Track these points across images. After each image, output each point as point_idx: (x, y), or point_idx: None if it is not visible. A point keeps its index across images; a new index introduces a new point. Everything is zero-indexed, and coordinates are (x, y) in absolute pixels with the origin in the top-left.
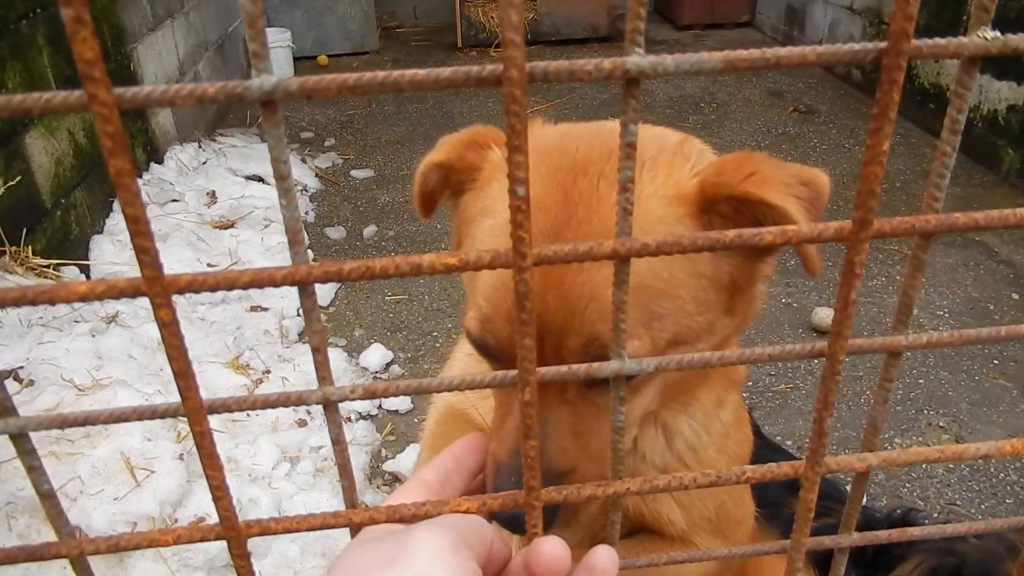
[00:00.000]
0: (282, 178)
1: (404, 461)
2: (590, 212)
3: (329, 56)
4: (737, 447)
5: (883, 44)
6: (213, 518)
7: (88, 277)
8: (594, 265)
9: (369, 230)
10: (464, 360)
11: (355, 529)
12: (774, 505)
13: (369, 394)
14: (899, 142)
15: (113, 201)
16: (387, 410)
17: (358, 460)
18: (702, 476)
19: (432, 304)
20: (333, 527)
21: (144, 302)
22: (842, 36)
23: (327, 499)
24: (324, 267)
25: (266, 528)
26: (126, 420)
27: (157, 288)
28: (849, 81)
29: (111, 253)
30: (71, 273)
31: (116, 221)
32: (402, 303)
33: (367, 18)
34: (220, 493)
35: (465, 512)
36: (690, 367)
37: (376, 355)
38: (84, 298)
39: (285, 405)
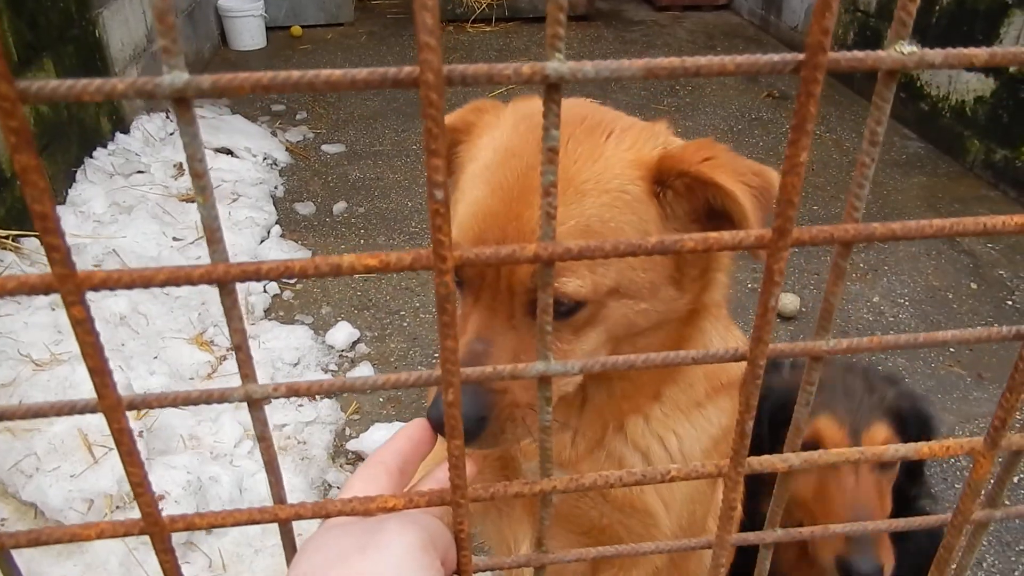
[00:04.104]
0: (198, 176)
1: (367, 440)
2: (532, 197)
3: (303, 27)
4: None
5: (801, 56)
6: (173, 496)
7: None
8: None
9: (339, 206)
10: None
11: (282, 524)
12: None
13: (292, 392)
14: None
15: (76, 171)
16: None
17: (322, 438)
18: (627, 475)
19: (401, 283)
20: (259, 522)
21: None
22: None
23: (288, 478)
24: (242, 267)
25: (191, 523)
26: (43, 415)
27: (69, 285)
28: None
29: (73, 224)
30: (31, 244)
31: (79, 192)
32: (371, 281)
33: None
34: (141, 489)
35: (392, 509)
36: (614, 368)
37: (343, 333)
38: None
39: (208, 402)
